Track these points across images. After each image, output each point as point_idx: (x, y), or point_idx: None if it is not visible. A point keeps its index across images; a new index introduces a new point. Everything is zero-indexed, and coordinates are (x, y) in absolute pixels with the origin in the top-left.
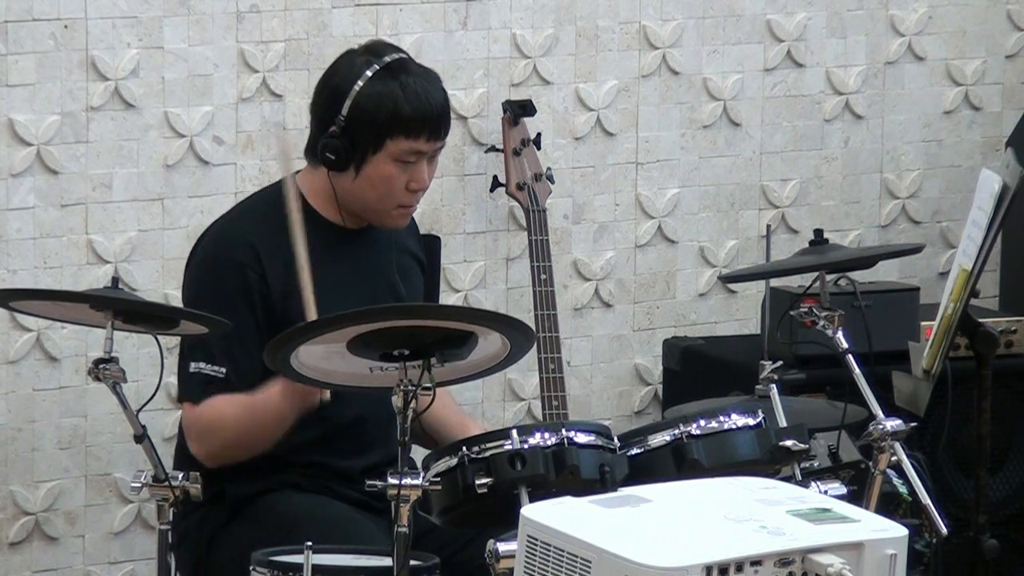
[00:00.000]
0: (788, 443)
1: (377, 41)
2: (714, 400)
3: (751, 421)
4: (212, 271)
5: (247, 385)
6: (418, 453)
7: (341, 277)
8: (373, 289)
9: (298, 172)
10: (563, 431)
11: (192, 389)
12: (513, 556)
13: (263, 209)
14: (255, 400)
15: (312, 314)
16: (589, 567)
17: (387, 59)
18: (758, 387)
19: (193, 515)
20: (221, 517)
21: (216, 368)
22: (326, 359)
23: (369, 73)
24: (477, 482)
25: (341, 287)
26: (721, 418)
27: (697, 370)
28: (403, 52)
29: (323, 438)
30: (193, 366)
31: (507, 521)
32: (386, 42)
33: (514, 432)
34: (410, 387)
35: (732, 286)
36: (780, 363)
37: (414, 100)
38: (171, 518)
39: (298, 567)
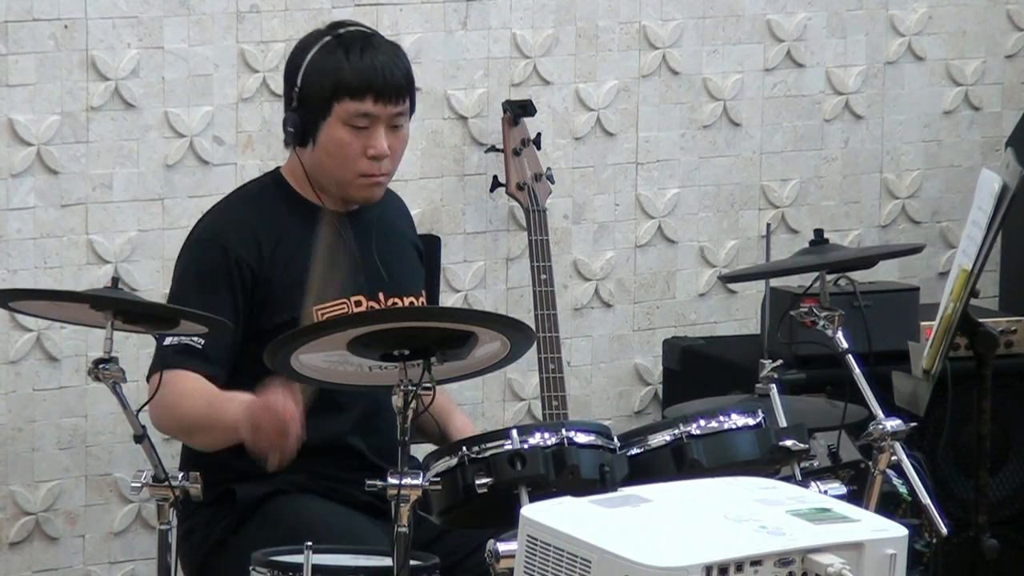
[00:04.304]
0: (788, 443)
1: (346, 20)
2: (714, 399)
3: (751, 421)
4: (196, 252)
5: (221, 361)
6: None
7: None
8: (358, 270)
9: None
10: (563, 431)
11: (167, 356)
12: (513, 556)
13: (256, 195)
14: (217, 397)
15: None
16: (589, 567)
17: (342, 31)
18: (758, 386)
19: (201, 512)
20: (230, 520)
21: (194, 340)
22: (325, 359)
23: (319, 44)
24: (477, 482)
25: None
26: (721, 418)
27: (697, 370)
28: (368, 29)
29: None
30: (170, 339)
31: (507, 521)
32: (354, 21)
33: (514, 432)
34: (410, 387)
35: (732, 286)
36: (780, 362)
37: (358, 64)
38: (171, 518)
39: (298, 567)
